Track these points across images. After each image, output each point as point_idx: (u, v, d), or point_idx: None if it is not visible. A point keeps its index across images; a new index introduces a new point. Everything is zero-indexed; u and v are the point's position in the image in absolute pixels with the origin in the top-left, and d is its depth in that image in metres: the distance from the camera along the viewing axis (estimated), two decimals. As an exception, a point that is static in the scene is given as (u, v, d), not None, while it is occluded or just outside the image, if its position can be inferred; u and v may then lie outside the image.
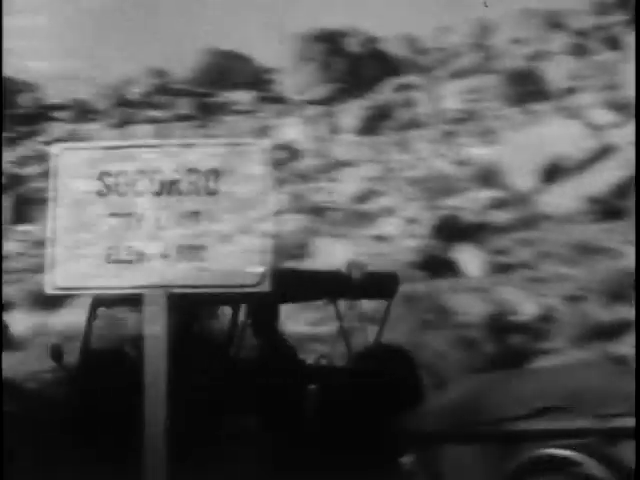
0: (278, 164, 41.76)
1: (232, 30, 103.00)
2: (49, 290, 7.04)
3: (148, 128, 47.63)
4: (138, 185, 7.34)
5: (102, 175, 7.22)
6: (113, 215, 7.09)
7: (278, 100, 50.72)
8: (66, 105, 63.91)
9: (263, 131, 44.73)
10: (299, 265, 24.76)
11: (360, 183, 36.28)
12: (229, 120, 46.22)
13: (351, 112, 43.91)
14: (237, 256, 7.52)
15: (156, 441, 6.55)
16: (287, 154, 42.38)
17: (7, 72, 70.85)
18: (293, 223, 32.25)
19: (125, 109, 51.74)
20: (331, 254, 24.28)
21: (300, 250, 26.10)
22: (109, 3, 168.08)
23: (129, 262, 6.99)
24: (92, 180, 7.18)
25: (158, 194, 7.54)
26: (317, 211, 33.29)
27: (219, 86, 52.90)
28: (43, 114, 64.94)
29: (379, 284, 11.07)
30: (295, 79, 50.19)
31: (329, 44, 50.77)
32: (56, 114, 63.91)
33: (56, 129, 61.13)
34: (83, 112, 57.96)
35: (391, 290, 11.15)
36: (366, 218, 31.27)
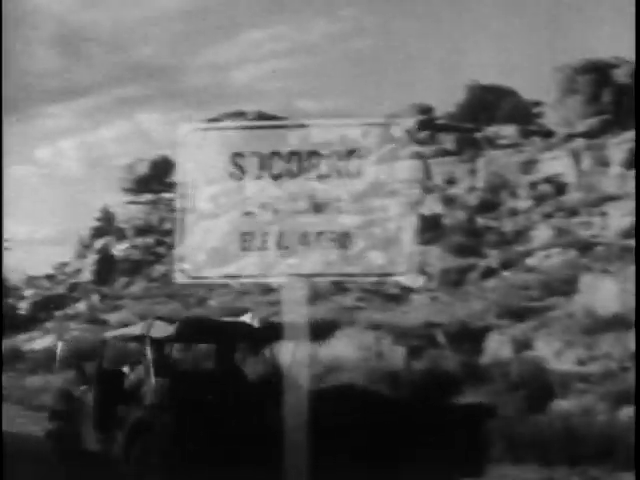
0: (544, 198, 41.06)
1: (496, 64, 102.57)
2: (180, 279, 6.58)
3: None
4: (274, 168, 6.75)
5: (234, 157, 6.68)
6: (247, 200, 6.59)
7: (544, 133, 50.00)
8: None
9: (528, 165, 44.20)
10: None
11: (629, 217, 35.04)
12: (494, 154, 45.96)
13: (619, 144, 42.58)
14: (382, 244, 7.08)
15: (298, 437, 6.29)
16: (553, 188, 41.64)
17: (277, 111, 73.89)
18: (559, 258, 31.58)
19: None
20: (598, 291, 23.46)
21: (567, 286, 25.42)
22: (376, 42, 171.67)
23: (266, 250, 6.42)
24: (224, 162, 6.68)
25: (295, 176, 6.88)
26: (584, 246, 32.40)
27: (483, 120, 52.82)
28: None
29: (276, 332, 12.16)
30: (561, 112, 49.31)
31: (596, 75, 49.59)
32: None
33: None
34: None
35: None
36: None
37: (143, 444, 11.49)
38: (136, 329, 13.01)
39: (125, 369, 13.66)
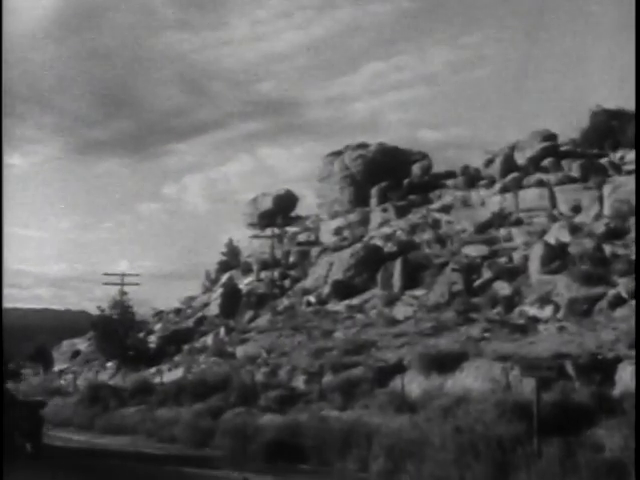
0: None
1: (618, 88, 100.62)
2: None
3: (537, 192, 47.37)
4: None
5: None
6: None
7: (672, 157, 48.59)
8: (456, 172, 65.06)
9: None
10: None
11: None
12: (620, 180, 44.91)
13: None
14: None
15: None
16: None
17: (399, 143, 73.74)
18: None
19: (514, 174, 51.74)
20: None
21: None
22: (497, 70, 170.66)
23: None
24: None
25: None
26: None
27: (609, 146, 51.70)
28: (433, 182, 66.53)
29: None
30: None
31: None
32: (446, 182, 65.14)
33: (447, 196, 62.34)
34: (473, 179, 58.62)
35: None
36: None
37: None
38: None
39: None
